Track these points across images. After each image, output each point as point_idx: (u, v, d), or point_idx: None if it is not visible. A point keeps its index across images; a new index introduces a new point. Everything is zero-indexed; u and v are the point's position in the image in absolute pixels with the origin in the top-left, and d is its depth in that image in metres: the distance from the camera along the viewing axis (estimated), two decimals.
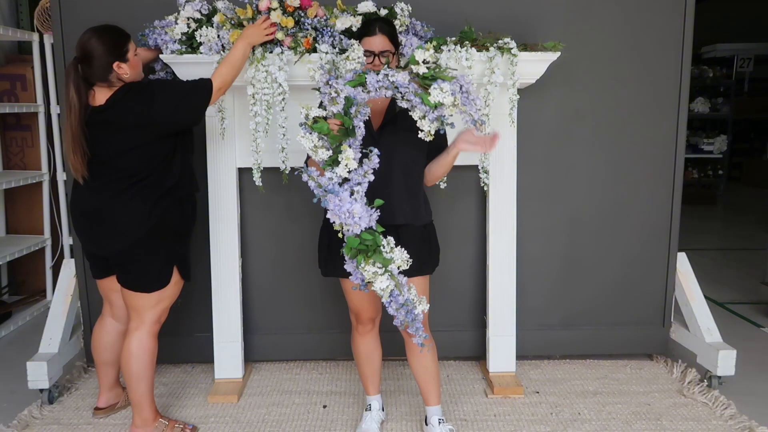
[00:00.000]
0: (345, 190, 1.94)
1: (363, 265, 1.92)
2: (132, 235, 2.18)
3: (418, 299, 1.98)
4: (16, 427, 2.46)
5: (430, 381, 2.29)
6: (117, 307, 2.43)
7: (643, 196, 2.95)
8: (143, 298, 2.25)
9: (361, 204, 1.94)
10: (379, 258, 1.92)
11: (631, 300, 3.02)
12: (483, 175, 2.58)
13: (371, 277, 1.91)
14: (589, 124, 2.89)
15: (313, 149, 1.97)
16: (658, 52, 2.85)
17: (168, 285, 2.28)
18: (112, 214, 2.17)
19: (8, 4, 4.04)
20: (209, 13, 2.46)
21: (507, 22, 2.67)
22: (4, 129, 3.88)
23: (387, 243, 1.95)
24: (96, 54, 2.10)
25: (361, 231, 1.92)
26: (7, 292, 3.90)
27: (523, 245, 2.85)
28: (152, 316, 2.28)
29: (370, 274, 1.91)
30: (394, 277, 1.94)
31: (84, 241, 2.30)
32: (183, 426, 2.41)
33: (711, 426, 2.47)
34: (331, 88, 1.99)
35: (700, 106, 7.62)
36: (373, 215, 1.95)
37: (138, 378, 2.26)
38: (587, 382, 2.85)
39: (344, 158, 1.96)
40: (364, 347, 2.37)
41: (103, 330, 2.47)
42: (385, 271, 1.92)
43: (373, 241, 1.93)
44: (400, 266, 1.94)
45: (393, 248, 1.95)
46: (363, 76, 2.02)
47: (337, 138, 1.98)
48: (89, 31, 2.14)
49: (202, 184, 2.72)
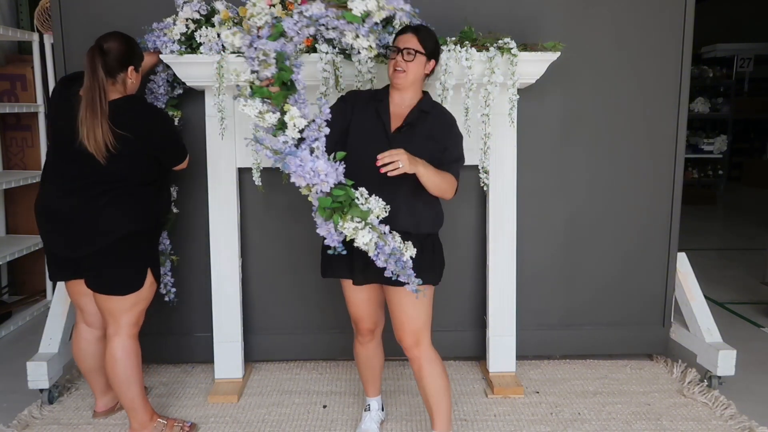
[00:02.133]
0: (303, 149, 1.84)
1: (341, 224, 1.82)
2: (108, 237, 2.15)
3: (404, 246, 1.92)
4: (16, 427, 2.46)
5: (435, 404, 2.14)
6: (88, 313, 2.38)
7: (643, 196, 2.95)
8: (118, 302, 2.22)
9: (324, 160, 1.83)
10: (356, 212, 1.83)
11: (631, 300, 3.02)
12: (483, 175, 2.58)
13: (352, 233, 1.82)
14: (589, 124, 2.89)
15: (259, 116, 1.89)
16: (658, 52, 2.85)
17: (143, 287, 2.26)
18: (87, 216, 2.14)
19: (8, 4, 4.04)
20: (208, 14, 2.46)
21: (507, 22, 2.67)
22: (4, 129, 3.88)
23: (360, 194, 1.86)
24: (120, 49, 2.16)
25: (330, 188, 1.83)
26: (7, 292, 3.90)
27: (523, 245, 2.85)
28: (129, 320, 2.26)
29: (350, 230, 1.82)
30: (376, 228, 1.85)
31: (50, 242, 2.24)
32: (182, 424, 2.41)
33: (711, 426, 2.47)
34: (257, 50, 1.89)
35: (700, 106, 7.62)
36: (339, 169, 1.85)
37: (127, 383, 2.25)
38: (587, 382, 2.85)
39: (289, 118, 1.84)
40: (363, 353, 2.36)
41: (80, 338, 2.43)
42: (365, 224, 1.83)
43: (345, 195, 1.84)
44: (379, 215, 1.87)
45: (368, 198, 1.86)
46: (280, 26, 1.90)
47: (280, 97, 1.87)
48: (118, 32, 2.22)
49: (202, 183, 2.73)
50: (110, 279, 2.21)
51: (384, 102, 2.13)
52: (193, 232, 2.82)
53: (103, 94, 2.08)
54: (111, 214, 2.15)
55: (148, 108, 2.28)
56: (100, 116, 2.06)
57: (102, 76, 2.08)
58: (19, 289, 3.99)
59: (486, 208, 2.82)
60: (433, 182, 2.01)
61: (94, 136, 2.06)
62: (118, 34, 2.20)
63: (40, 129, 3.80)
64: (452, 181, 2.08)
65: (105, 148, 2.08)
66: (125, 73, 2.19)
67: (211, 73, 2.43)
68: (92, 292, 2.25)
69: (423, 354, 2.12)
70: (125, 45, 2.19)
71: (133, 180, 2.19)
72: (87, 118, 2.06)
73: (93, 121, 2.06)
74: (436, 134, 2.10)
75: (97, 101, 2.07)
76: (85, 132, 2.07)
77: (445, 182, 2.05)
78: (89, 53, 2.10)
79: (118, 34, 2.20)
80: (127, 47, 2.20)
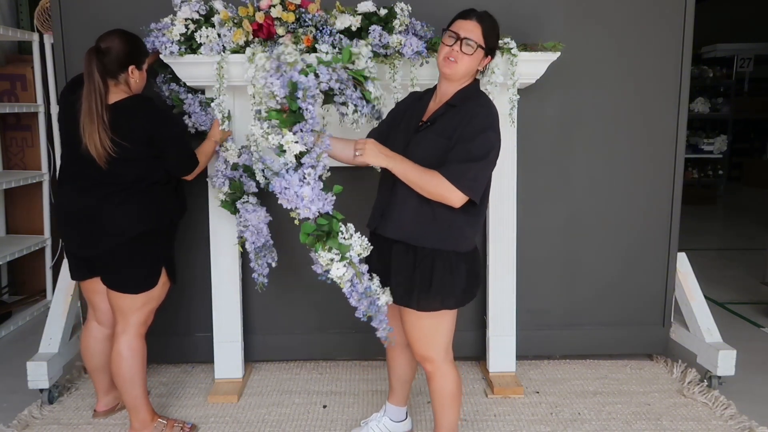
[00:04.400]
0: (294, 173, 1.83)
1: (319, 252, 1.82)
2: (122, 236, 2.16)
3: (381, 289, 1.88)
4: (16, 427, 2.46)
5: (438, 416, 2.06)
6: (101, 311, 2.40)
7: (643, 196, 2.95)
8: (130, 300, 2.23)
9: (313, 187, 1.81)
10: (334, 243, 1.81)
11: (631, 300, 3.02)
12: None
13: (327, 264, 1.81)
14: (589, 125, 2.89)
15: (264, 135, 1.89)
16: (658, 52, 2.85)
17: (156, 286, 2.27)
18: (101, 215, 2.15)
19: (8, 4, 4.04)
20: (207, 14, 2.46)
21: (507, 21, 2.66)
22: (4, 129, 3.88)
23: (346, 230, 1.85)
24: (120, 49, 2.13)
25: (314, 216, 1.82)
26: (7, 292, 3.90)
27: (523, 245, 2.85)
28: (138, 319, 2.26)
29: (326, 260, 1.80)
30: (354, 266, 1.83)
31: (68, 241, 2.27)
32: (182, 425, 2.41)
33: (711, 426, 2.47)
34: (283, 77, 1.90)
35: (700, 106, 7.61)
36: (328, 199, 1.84)
37: (131, 381, 2.25)
38: (587, 382, 2.85)
39: (285, 142, 1.84)
40: (388, 355, 2.28)
41: (90, 336, 2.45)
42: (342, 258, 1.81)
43: (328, 226, 1.82)
44: (360, 254, 1.83)
45: (352, 234, 1.84)
46: (312, 67, 1.94)
47: (287, 122, 1.87)
48: (118, 30, 2.18)
49: (202, 183, 2.73)
50: (125, 277, 2.22)
51: (428, 96, 2.02)
52: (193, 232, 2.82)
53: (99, 100, 2.06)
54: (124, 214, 2.15)
55: (150, 111, 2.18)
56: (97, 123, 2.05)
57: (98, 81, 2.06)
58: (19, 289, 3.99)
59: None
60: (409, 180, 1.83)
61: (94, 143, 2.07)
62: (117, 33, 2.16)
63: (40, 129, 3.79)
64: (434, 182, 1.80)
65: (105, 153, 2.08)
66: (126, 73, 2.17)
67: (211, 74, 2.43)
68: (106, 290, 2.26)
69: (435, 369, 2.00)
70: (125, 44, 2.15)
71: (147, 180, 2.18)
72: (86, 125, 2.07)
73: (91, 127, 2.06)
74: (450, 131, 1.87)
75: (94, 107, 2.05)
76: (86, 138, 2.07)
77: (423, 181, 1.81)
78: (86, 56, 2.08)
79: (117, 32, 2.16)
80: (127, 46, 2.16)
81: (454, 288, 1.90)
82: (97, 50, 2.10)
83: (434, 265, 1.88)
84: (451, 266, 1.88)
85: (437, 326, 1.95)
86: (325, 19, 2.44)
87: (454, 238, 1.88)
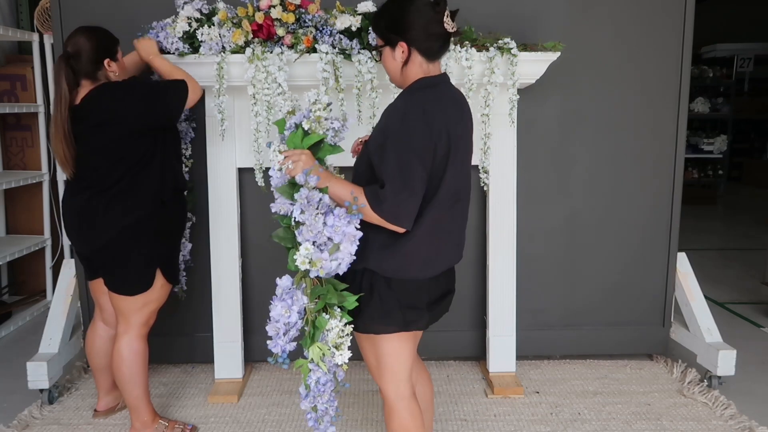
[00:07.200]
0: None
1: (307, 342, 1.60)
2: (106, 235, 2.16)
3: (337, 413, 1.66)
4: (16, 427, 2.46)
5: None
6: (106, 311, 2.41)
7: (643, 196, 2.95)
8: (128, 301, 2.23)
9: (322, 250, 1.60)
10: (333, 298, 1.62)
11: (631, 300, 3.02)
12: (483, 175, 2.59)
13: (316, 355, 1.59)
14: (588, 124, 2.89)
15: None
16: (658, 51, 2.86)
17: (152, 288, 2.25)
18: (89, 214, 2.16)
19: (8, 4, 4.04)
20: (209, 13, 2.47)
21: (507, 22, 2.67)
22: (4, 129, 3.88)
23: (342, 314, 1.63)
24: (88, 48, 2.11)
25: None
26: (7, 292, 3.90)
27: (523, 245, 2.85)
28: (138, 320, 2.26)
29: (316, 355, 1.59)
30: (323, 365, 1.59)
31: (72, 241, 2.30)
32: (183, 426, 2.41)
33: (711, 426, 2.47)
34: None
35: (700, 106, 7.62)
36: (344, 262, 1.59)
37: (132, 382, 2.26)
38: (587, 382, 2.85)
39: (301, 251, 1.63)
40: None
41: (95, 335, 2.46)
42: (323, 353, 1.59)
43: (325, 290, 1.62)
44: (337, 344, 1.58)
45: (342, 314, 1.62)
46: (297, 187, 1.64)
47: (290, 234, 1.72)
48: (81, 29, 2.16)
49: (202, 184, 2.73)
50: (119, 278, 2.22)
51: None
52: (194, 232, 2.82)
53: (65, 107, 2.07)
54: (110, 209, 2.16)
55: (111, 89, 2.14)
56: (61, 133, 2.07)
57: (65, 89, 2.07)
58: (19, 289, 3.99)
59: (486, 208, 2.82)
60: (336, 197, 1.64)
61: (58, 151, 2.10)
62: (81, 32, 2.13)
63: (40, 129, 3.80)
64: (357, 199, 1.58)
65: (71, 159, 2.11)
66: (103, 69, 2.15)
67: (211, 74, 2.43)
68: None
69: (387, 406, 1.79)
70: (92, 41, 2.12)
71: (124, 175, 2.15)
72: (52, 133, 2.10)
73: (56, 136, 2.08)
74: (369, 141, 1.69)
75: (57, 117, 2.07)
76: (52, 145, 2.12)
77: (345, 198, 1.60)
78: (56, 63, 2.09)
79: (81, 31, 2.13)
80: (95, 42, 2.13)
81: (373, 311, 1.70)
82: (66, 57, 2.10)
83: (362, 285, 1.71)
84: (371, 287, 1.70)
85: (376, 352, 1.77)
86: (325, 20, 2.44)
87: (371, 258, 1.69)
